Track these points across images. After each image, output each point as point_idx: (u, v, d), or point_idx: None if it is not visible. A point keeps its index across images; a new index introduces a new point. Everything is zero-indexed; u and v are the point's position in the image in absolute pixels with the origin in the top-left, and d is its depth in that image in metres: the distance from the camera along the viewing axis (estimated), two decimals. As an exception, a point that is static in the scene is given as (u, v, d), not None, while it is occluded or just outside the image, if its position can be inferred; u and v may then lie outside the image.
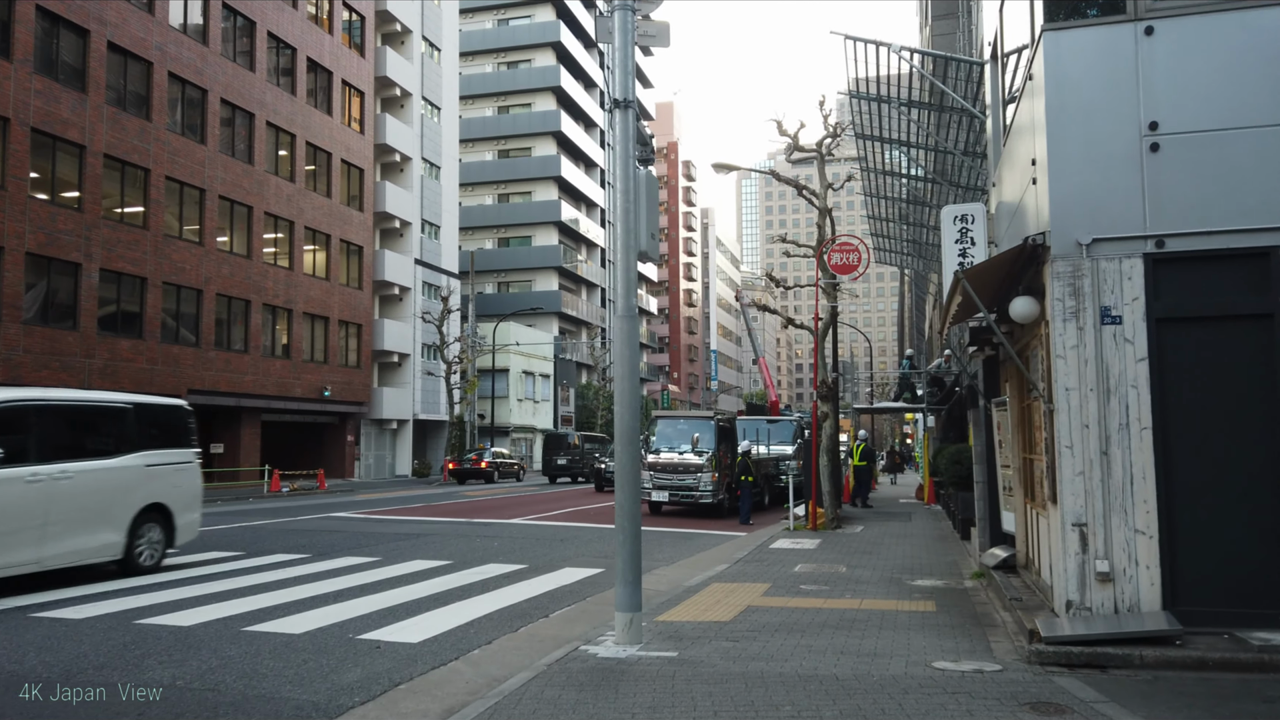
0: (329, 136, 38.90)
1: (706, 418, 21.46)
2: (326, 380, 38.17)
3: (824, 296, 17.26)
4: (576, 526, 17.57)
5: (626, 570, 6.96)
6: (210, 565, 11.43)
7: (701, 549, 14.36)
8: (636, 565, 7.02)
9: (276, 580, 10.16)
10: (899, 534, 16.35)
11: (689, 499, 20.46)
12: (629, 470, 6.98)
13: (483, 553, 13.04)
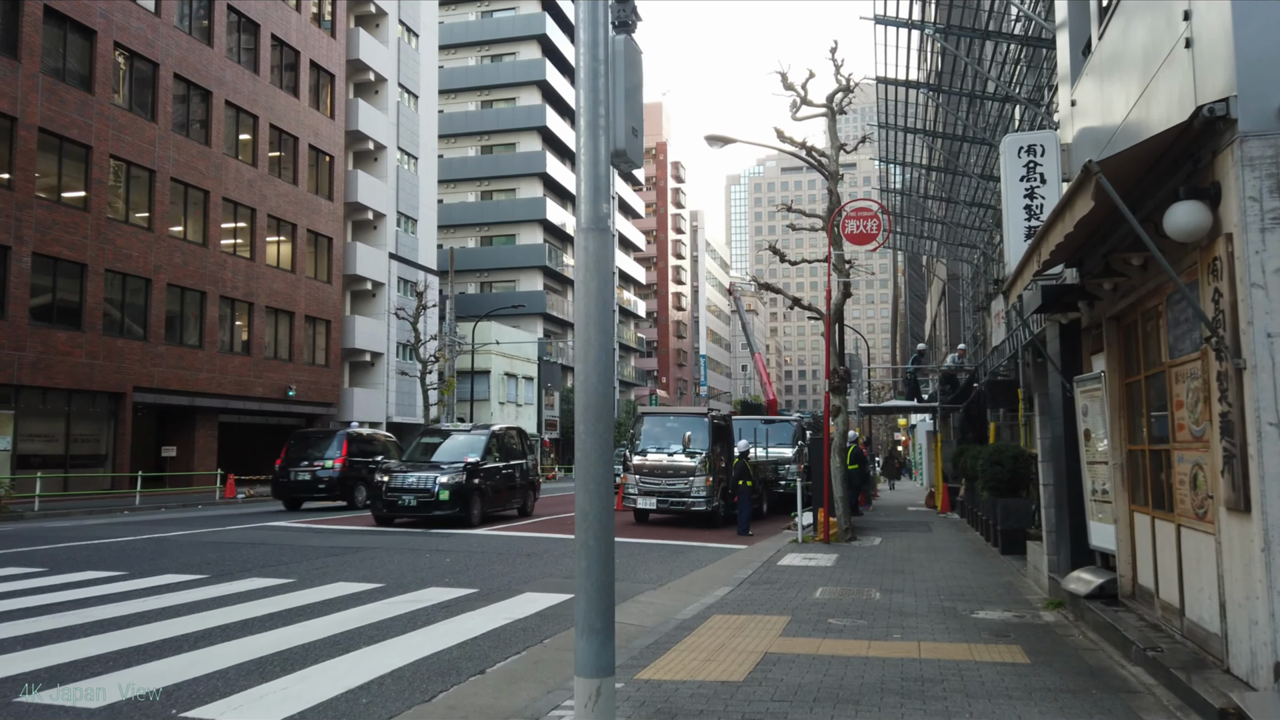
0: (295, 120, 36.43)
1: (699, 414, 19.08)
2: (291, 380, 35.63)
3: (835, 273, 14.89)
4: (548, 538, 15.14)
5: (592, 613, 4.58)
6: (48, 592, 8.95)
7: (696, 566, 11.97)
8: (606, 605, 4.63)
9: (136, 614, 7.71)
10: (925, 547, 13.99)
11: (679, 506, 18.07)
12: (595, 462, 4.61)
13: (427, 572, 10.60)
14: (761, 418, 25.83)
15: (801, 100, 15.20)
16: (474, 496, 17.47)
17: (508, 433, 20.70)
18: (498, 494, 18.90)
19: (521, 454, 20.79)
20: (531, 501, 20.93)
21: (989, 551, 13.44)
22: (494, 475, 18.82)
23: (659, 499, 18.11)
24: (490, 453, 18.83)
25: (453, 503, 16.91)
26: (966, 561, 12.05)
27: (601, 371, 4.70)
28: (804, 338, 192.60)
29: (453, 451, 18.64)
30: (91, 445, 27.79)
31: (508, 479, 19.55)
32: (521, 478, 20.34)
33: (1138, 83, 6.32)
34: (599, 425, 4.66)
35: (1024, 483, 13.16)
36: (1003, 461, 13.04)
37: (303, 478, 22.47)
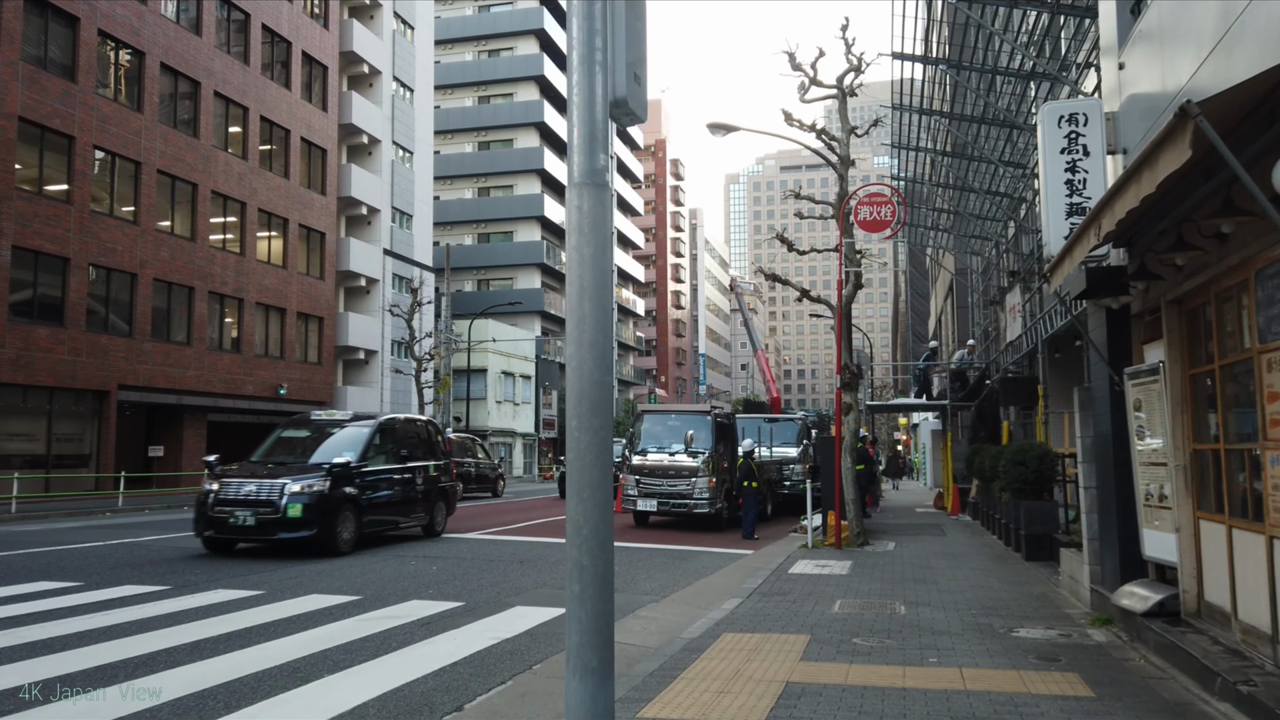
0: (287, 112, 35.59)
1: (702, 412, 18.26)
2: (282, 377, 34.80)
3: (846, 262, 14.08)
4: (546, 543, 14.33)
5: (586, 648, 3.76)
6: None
7: (701, 574, 11.16)
8: (604, 638, 3.81)
9: (76, 633, 6.88)
10: (943, 553, 13.19)
11: (681, 509, 17.27)
12: (590, 464, 3.80)
13: (411, 581, 9.78)
14: (765, 416, 25.02)
15: (810, 81, 14.38)
16: (342, 512, 12.42)
17: (407, 425, 15.38)
18: (386, 507, 13.71)
19: (428, 453, 15.40)
20: (443, 516, 15.60)
21: (1011, 558, 12.64)
22: (379, 483, 13.55)
23: (660, 501, 17.31)
24: (375, 452, 13.61)
25: (307, 521, 11.87)
26: (990, 569, 11.25)
27: (599, 356, 3.89)
28: (803, 337, 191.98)
29: (325, 451, 13.40)
30: (75, 445, 26.96)
31: (404, 487, 14.19)
32: (426, 484, 14.88)
33: (1213, 31, 5.51)
34: (595, 420, 3.85)
35: (1049, 484, 12.38)
36: (1026, 461, 12.23)
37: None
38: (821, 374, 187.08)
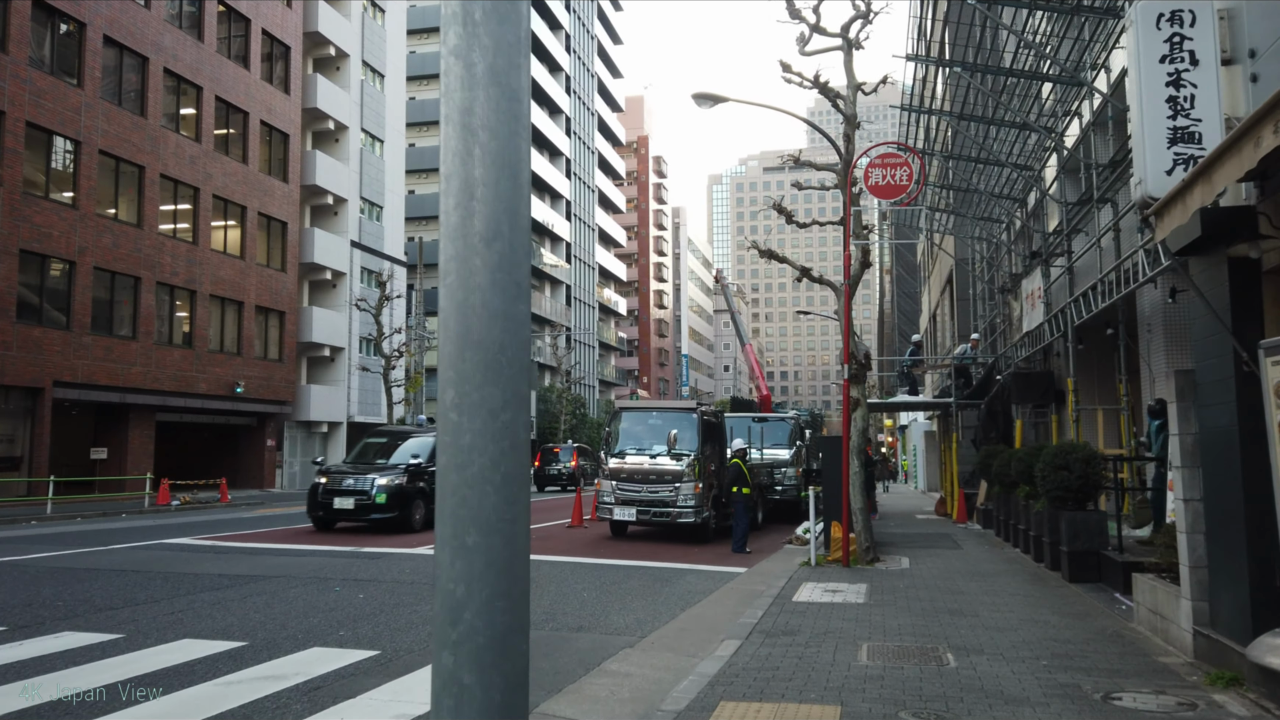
0: (245, 93, 33.45)
1: (686, 410, 16.33)
2: (239, 375, 32.64)
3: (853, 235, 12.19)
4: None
5: None
6: None
7: (687, 601, 9.24)
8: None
9: None
10: (968, 572, 11.33)
11: (663, 518, 15.34)
12: (482, 466, 1.87)
13: (322, 618, 7.81)
14: (754, 415, 23.14)
15: (812, 28, 12.49)
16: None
17: None
18: None
19: None
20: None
21: (1048, 578, 10.78)
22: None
23: (639, 509, 15.37)
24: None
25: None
26: (1034, 595, 9.38)
27: (500, 265, 1.97)
28: (786, 339, 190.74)
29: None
30: (4, 446, 24.78)
31: None
32: None
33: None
34: (492, 392, 1.92)
35: (1095, 492, 10.54)
36: (1070, 465, 10.38)
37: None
38: (804, 375, 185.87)
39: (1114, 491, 10.30)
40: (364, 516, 15.81)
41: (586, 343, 73.77)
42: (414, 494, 16.29)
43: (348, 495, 15.96)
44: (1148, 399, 12.72)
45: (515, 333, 1.94)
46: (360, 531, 16.08)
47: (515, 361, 1.93)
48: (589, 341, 74.42)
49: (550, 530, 17.26)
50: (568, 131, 70.61)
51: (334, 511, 15.98)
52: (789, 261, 13.16)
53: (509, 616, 1.87)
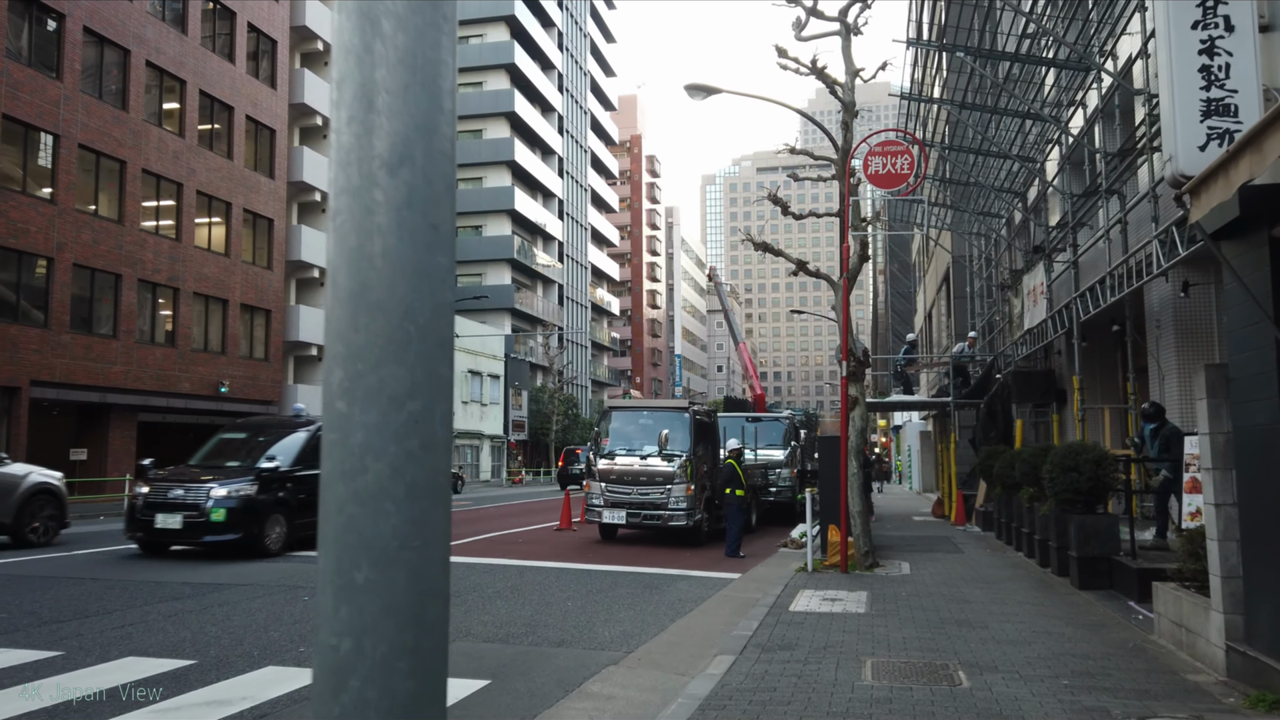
0: (230, 88, 32.83)
1: (678, 409, 15.83)
2: (224, 374, 32.03)
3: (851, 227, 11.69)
4: (481, 564, 11.87)
5: None
6: None
7: (678, 610, 8.73)
8: None
9: None
10: (972, 578, 10.83)
11: (654, 521, 14.82)
12: (380, 478, 1.34)
13: (285, 632, 7.28)
14: (747, 415, 22.65)
15: (809, 12, 12.00)
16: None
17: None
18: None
19: None
20: None
21: (1057, 585, 10.30)
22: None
23: (629, 511, 14.86)
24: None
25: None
26: (1044, 604, 8.89)
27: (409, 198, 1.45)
28: (779, 339, 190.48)
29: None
30: (-21, 447, 24.15)
31: None
32: None
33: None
34: (396, 372, 1.42)
35: (1105, 495, 10.06)
36: (1080, 466, 9.89)
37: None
38: (798, 376, 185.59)
39: (1125, 494, 9.82)
40: (196, 538, 12.02)
41: (579, 343, 73.25)
42: (268, 507, 12.49)
43: (174, 510, 12.05)
44: (1158, 397, 12.26)
45: (430, 293, 1.42)
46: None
47: (430, 332, 1.41)
48: (582, 341, 73.90)
49: (537, 534, 16.74)
50: (560, 130, 70.08)
51: (155, 532, 12.06)
52: (784, 254, 12.66)
53: (416, 682, 1.35)
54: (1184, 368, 11.83)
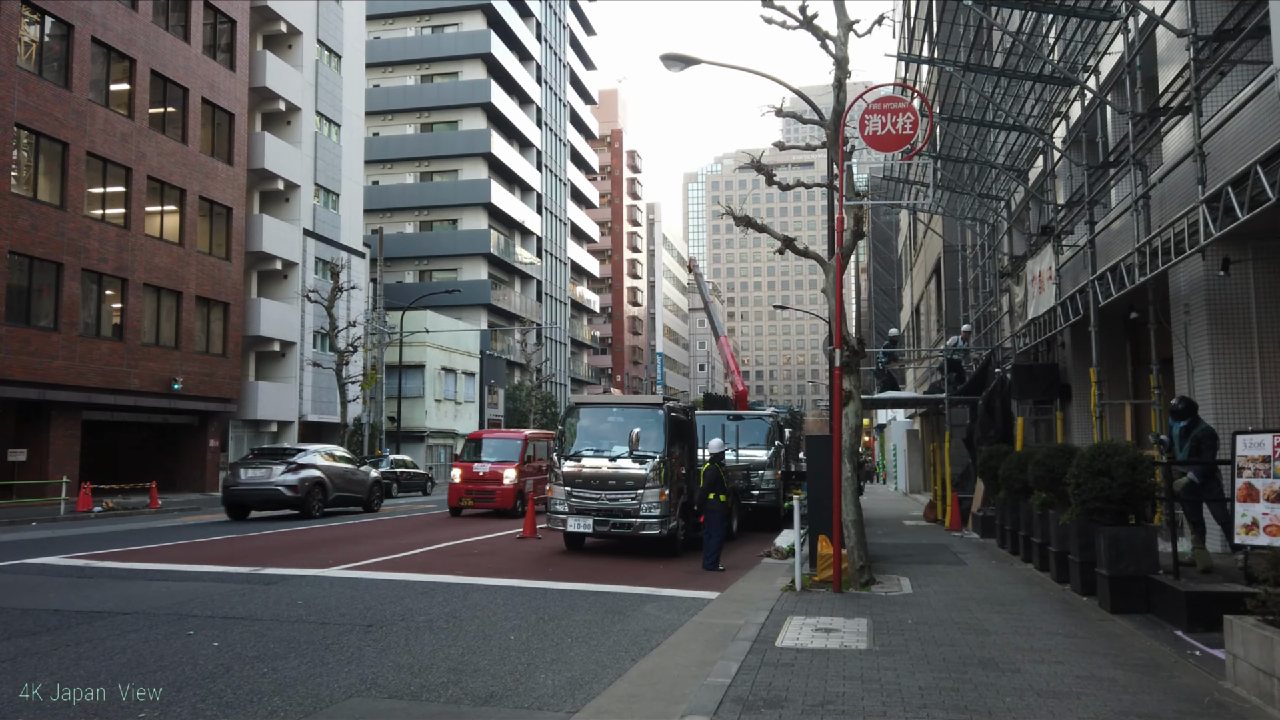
0: (185, 68, 31.12)
1: (651, 406, 14.35)
2: (177, 370, 30.33)
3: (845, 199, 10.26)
4: (422, 583, 10.37)
5: None
6: None
7: (642, 646, 7.27)
8: None
9: None
10: (984, 598, 9.43)
11: (624, 529, 13.35)
12: None
13: (141, 680, 5.76)
14: (728, 413, 21.21)
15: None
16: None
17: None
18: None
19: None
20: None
21: (1084, 607, 8.90)
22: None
23: (596, 519, 13.37)
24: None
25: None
26: (1078, 636, 7.49)
27: None
28: (761, 338, 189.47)
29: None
30: (-96, 448, 22.44)
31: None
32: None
33: None
34: None
35: (1142, 503, 8.68)
36: (1112, 470, 8.49)
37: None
38: (780, 375, 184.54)
39: (1165, 503, 8.43)
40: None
41: (558, 340, 71.69)
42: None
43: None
44: (1187, 391, 10.91)
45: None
46: (270, 547, 13.97)
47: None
48: (561, 339, 72.34)
49: (497, 543, 15.23)
50: (538, 122, 68.48)
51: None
52: (769, 230, 11.23)
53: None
54: (1219, 358, 10.48)
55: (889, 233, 54.12)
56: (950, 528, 18.95)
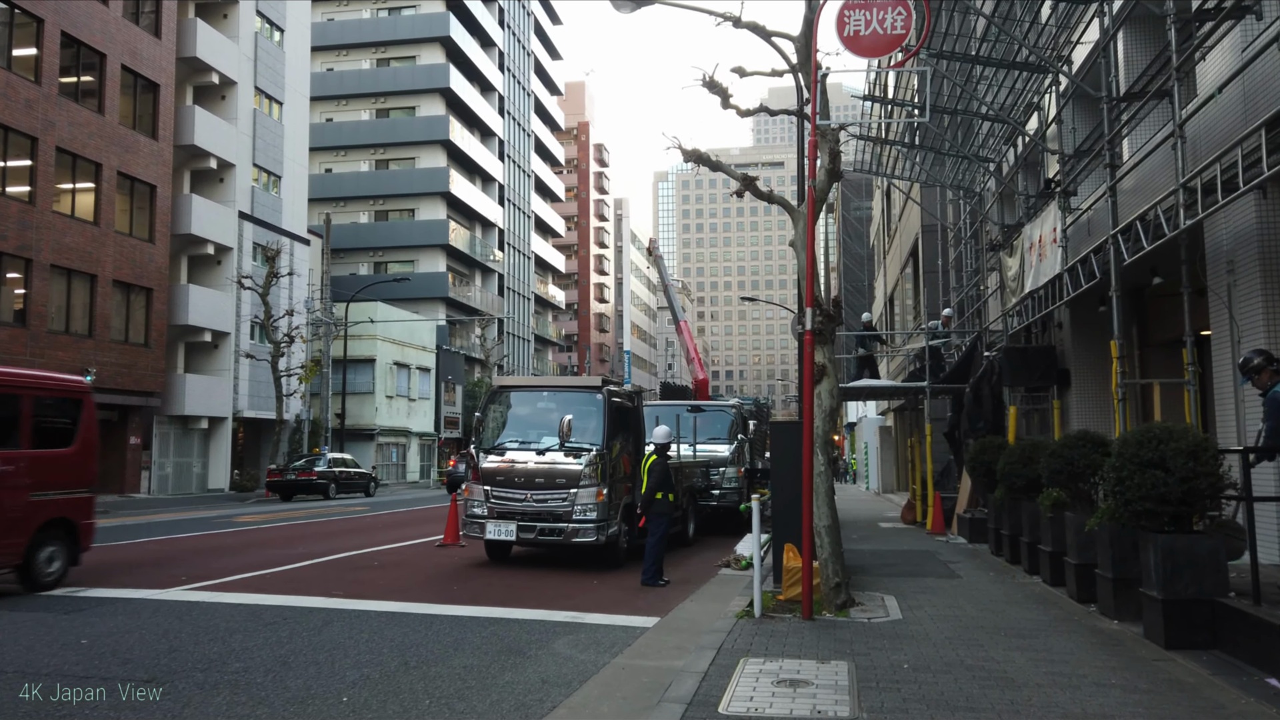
0: (102, 32, 28.53)
1: (588, 389, 12.13)
2: (91, 360, 27.70)
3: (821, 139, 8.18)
4: (276, 607, 8.14)
5: None
6: None
7: (530, 711, 5.10)
8: None
9: None
10: (992, 627, 7.35)
11: (554, 537, 11.15)
12: None
13: None
14: (687, 403, 19.11)
15: None
16: None
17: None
18: None
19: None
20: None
21: (1125, 638, 6.85)
22: None
23: (521, 524, 11.16)
24: None
25: None
26: (1136, 687, 5.41)
27: None
28: (731, 337, 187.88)
29: None
30: None
31: None
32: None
33: None
34: None
35: (1207, 504, 6.63)
36: (1167, 461, 6.43)
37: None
38: (750, 375, 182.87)
39: (1247, 503, 6.37)
40: None
41: (522, 336, 69.32)
42: None
43: None
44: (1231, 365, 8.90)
45: None
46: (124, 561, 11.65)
47: None
48: (524, 335, 69.97)
49: (409, 552, 12.99)
50: (501, 111, 66.07)
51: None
52: (725, 169, 9.09)
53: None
54: (1277, 325, 8.49)
55: (860, 228, 52.36)
56: (933, 531, 16.95)
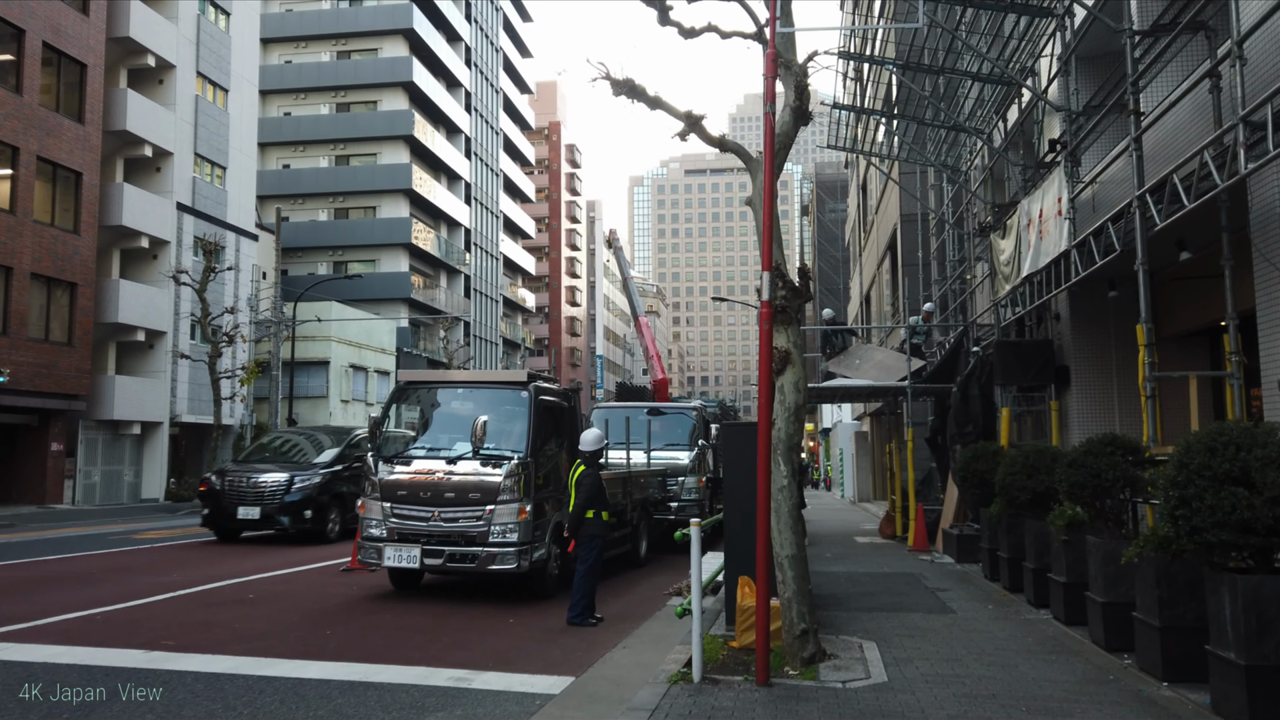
0: (20, 5, 26.34)
1: (512, 385, 10.20)
2: (5, 360, 25.49)
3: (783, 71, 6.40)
4: (71, 667, 6.21)
5: None
6: None
7: None
8: None
9: None
10: (1011, 695, 5.53)
11: (465, 563, 9.22)
12: None
13: None
14: (645, 405, 17.26)
15: None
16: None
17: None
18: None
19: None
20: None
21: (1185, 714, 5.06)
22: None
23: (426, 548, 9.22)
24: None
25: None
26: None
27: None
28: (706, 343, 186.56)
29: None
30: None
31: None
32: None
33: None
34: None
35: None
36: (1251, 474, 4.66)
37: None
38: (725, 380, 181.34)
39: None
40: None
41: (489, 339, 67.25)
42: None
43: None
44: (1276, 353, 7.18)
45: None
46: None
47: None
48: (492, 338, 67.90)
49: (302, 580, 11.03)
50: (468, 108, 64.05)
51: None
52: (665, 106, 7.28)
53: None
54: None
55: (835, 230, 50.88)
56: (915, 548, 15.20)
